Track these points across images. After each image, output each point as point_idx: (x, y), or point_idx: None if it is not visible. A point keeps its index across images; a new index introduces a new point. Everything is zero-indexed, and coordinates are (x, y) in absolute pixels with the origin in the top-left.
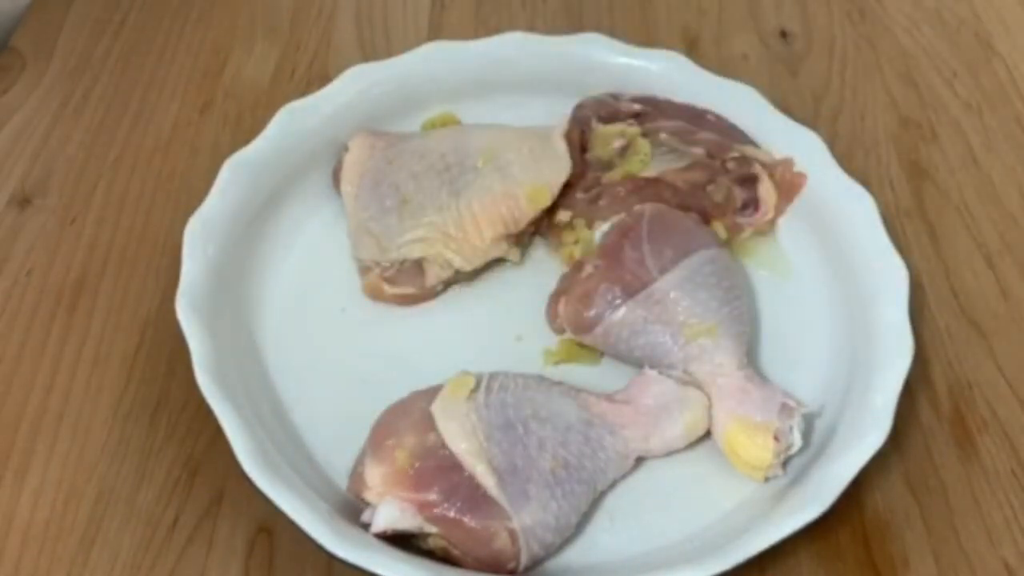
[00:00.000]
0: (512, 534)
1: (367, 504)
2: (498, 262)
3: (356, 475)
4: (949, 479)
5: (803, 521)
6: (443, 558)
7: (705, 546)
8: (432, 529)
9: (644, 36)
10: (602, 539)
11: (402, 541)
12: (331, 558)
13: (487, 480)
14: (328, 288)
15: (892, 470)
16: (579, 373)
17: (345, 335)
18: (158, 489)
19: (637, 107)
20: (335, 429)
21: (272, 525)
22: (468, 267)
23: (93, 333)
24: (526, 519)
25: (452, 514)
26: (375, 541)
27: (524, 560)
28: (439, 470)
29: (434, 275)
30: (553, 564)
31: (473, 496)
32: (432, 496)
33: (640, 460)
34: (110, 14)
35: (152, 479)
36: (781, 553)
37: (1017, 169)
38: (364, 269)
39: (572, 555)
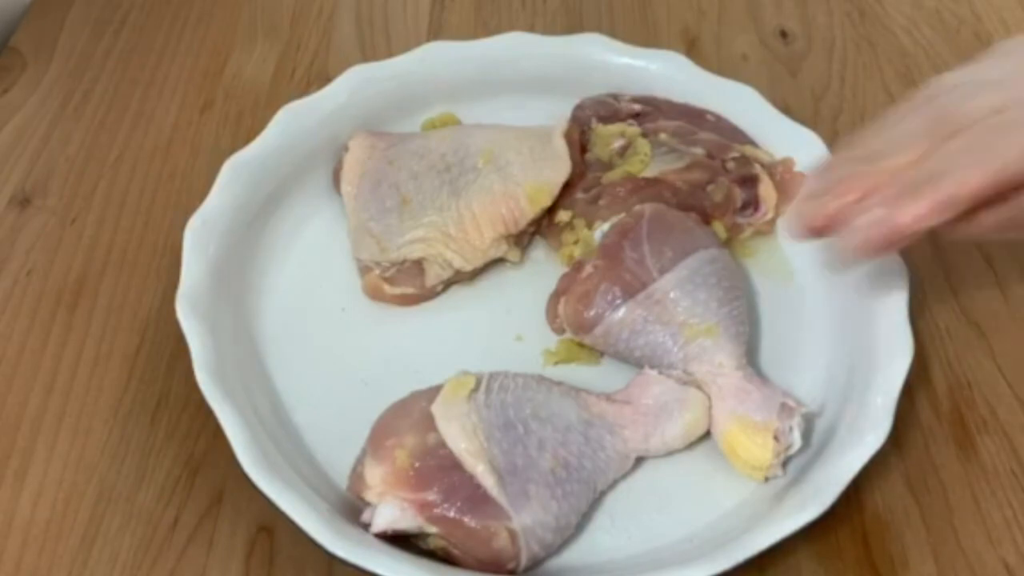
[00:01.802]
0: (512, 534)
1: (367, 504)
2: (498, 262)
3: (356, 475)
4: (949, 479)
5: (803, 521)
6: (443, 558)
7: (705, 546)
8: (432, 529)
9: (644, 36)
10: (602, 539)
11: (402, 541)
12: (331, 558)
13: (487, 480)
14: (328, 288)
15: (892, 470)
16: (579, 373)
17: (345, 335)
18: (158, 489)
19: (637, 107)
20: (335, 429)
21: (272, 525)
22: (468, 267)
23: (93, 333)
24: (526, 519)
25: (452, 514)
26: (375, 541)
27: (524, 560)
28: (439, 470)
29: (434, 275)
30: (553, 564)
31: (473, 496)
32: (432, 496)
33: (640, 460)
34: (110, 14)
35: (152, 479)
36: (781, 553)
37: None
38: (364, 269)
39: (572, 555)
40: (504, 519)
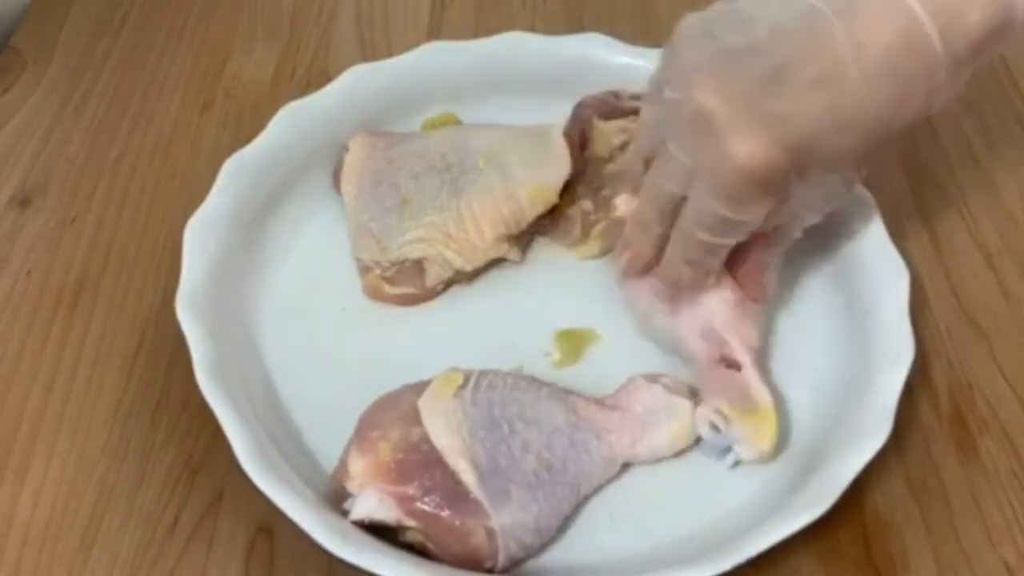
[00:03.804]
0: (490, 533)
1: (350, 494)
2: (498, 262)
3: (340, 464)
4: (949, 479)
5: (803, 522)
6: (420, 552)
7: (705, 546)
8: (410, 523)
9: (644, 36)
10: (602, 539)
11: (381, 533)
12: (331, 558)
13: (468, 477)
14: (328, 288)
15: (892, 470)
16: (574, 375)
17: (345, 335)
18: (158, 489)
19: (638, 104)
20: (335, 429)
21: (272, 525)
22: (468, 267)
23: (93, 333)
24: (505, 519)
25: (431, 509)
26: (376, 541)
27: (502, 560)
28: (421, 465)
29: (434, 275)
30: (554, 563)
31: (453, 493)
32: (412, 490)
33: (627, 466)
34: (110, 14)
35: (152, 479)
36: (781, 553)
37: (1017, 169)
38: (364, 269)
39: (572, 555)
40: (483, 517)
